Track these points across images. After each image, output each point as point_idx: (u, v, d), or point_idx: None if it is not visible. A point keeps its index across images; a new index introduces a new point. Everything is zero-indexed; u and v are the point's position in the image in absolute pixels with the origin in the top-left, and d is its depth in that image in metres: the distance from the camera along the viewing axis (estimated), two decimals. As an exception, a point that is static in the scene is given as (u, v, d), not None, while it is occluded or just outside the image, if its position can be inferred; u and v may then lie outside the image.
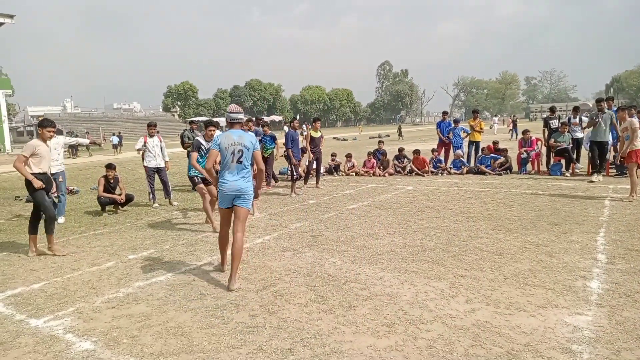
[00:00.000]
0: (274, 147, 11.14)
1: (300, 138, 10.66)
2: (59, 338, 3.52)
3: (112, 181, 8.97)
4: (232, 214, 4.64)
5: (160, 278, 4.81)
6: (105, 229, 7.39)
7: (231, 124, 4.68)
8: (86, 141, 9.47)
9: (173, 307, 4.02)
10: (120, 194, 8.87)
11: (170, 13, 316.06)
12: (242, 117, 4.80)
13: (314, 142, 10.50)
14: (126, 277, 4.91)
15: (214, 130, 6.52)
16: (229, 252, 4.83)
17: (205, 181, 6.97)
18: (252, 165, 4.71)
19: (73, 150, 31.29)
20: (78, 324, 3.75)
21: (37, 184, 5.62)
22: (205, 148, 6.77)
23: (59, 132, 9.04)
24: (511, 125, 30.68)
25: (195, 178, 7.06)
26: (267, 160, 10.84)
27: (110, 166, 9.05)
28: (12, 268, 5.41)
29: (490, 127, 36.19)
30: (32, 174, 5.67)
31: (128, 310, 4.00)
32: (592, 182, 9.77)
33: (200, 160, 6.81)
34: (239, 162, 4.52)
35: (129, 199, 9.03)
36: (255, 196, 5.06)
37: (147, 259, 5.52)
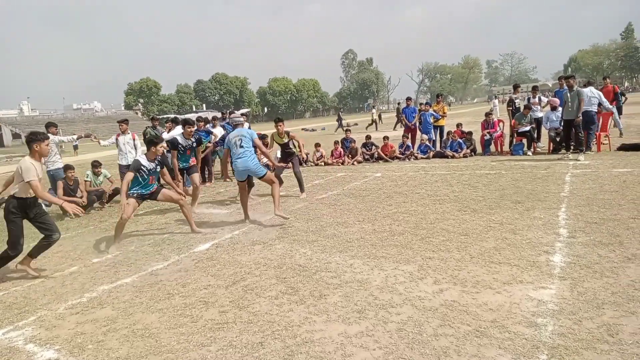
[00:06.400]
0: (208, 141, 10.06)
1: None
2: (19, 349, 3.38)
3: (71, 184, 8.63)
4: (247, 185, 6.88)
5: (126, 280, 4.68)
6: (67, 233, 7.13)
7: (235, 125, 6.93)
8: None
9: (140, 309, 3.92)
10: (81, 197, 8.56)
11: (128, 5, 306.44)
12: (242, 120, 7.28)
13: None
14: (90, 281, 4.76)
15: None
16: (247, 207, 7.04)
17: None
18: (254, 147, 6.63)
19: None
20: (40, 333, 3.61)
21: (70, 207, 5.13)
22: (146, 169, 6.09)
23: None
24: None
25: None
26: (205, 157, 10.20)
27: (68, 167, 8.67)
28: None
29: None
30: (20, 198, 4.99)
31: (93, 315, 3.87)
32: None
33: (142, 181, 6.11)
34: (241, 146, 6.47)
35: (114, 192, 9.06)
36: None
37: (112, 262, 5.36)
